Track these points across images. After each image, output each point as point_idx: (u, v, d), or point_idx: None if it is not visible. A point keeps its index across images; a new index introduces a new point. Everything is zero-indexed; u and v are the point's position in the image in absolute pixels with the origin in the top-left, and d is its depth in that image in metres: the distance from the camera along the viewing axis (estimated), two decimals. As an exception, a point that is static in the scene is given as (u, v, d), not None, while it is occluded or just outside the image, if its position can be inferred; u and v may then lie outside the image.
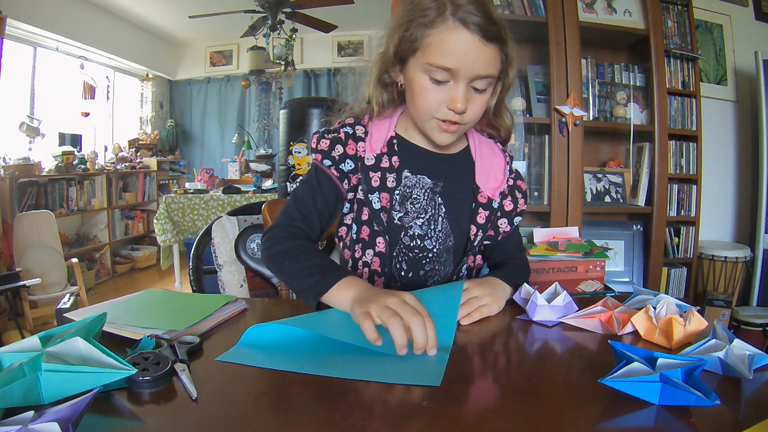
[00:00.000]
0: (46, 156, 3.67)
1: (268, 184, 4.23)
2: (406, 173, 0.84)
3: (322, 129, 0.85)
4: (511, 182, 0.89)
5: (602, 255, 1.33)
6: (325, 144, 0.82)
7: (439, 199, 0.85)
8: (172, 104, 5.68)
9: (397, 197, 0.83)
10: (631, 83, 2.24)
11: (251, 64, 4.35)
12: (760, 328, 1.98)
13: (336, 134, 0.83)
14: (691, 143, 2.29)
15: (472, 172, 0.87)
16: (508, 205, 0.88)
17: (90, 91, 4.27)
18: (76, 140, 4.04)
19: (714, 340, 0.55)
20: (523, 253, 0.96)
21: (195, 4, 4.07)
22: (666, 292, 1.88)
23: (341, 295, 0.66)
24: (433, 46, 0.72)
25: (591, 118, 2.17)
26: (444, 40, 0.71)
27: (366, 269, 0.85)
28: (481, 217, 0.85)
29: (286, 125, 2.84)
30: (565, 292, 0.72)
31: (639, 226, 2.23)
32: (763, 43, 2.48)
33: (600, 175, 2.26)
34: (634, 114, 2.22)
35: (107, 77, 4.62)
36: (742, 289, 2.36)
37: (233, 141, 5.26)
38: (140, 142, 5.05)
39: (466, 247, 0.87)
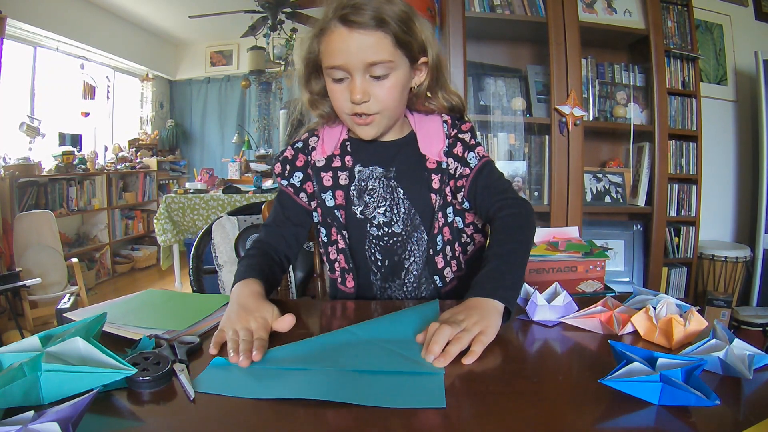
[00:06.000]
0: (46, 156, 3.67)
1: (268, 184, 4.22)
2: (358, 168, 0.87)
3: (278, 153, 0.93)
4: (452, 132, 0.87)
5: (602, 255, 1.33)
6: (278, 167, 0.90)
7: (395, 183, 0.86)
8: (172, 104, 5.68)
9: (354, 192, 0.86)
10: (631, 83, 2.24)
11: (251, 64, 4.36)
12: (760, 328, 1.98)
13: (284, 154, 0.90)
14: (691, 143, 2.29)
15: (418, 147, 0.87)
16: (459, 151, 0.86)
17: (90, 91, 4.27)
18: (76, 140, 4.03)
19: (714, 340, 0.55)
20: (514, 193, 0.84)
21: (195, 4, 4.07)
22: (666, 292, 1.88)
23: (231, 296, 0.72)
24: (325, 51, 0.77)
25: (591, 118, 2.17)
26: (330, 42, 0.76)
27: (339, 268, 0.90)
28: (435, 182, 0.85)
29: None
30: (565, 292, 0.72)
31: (639, 226, 2.23)
32: (763, 43, 2.48)
33: (600, 175, 2.26)
34: (634, 114, 2.22)
35: (107, 77, 4.61)
36: (742, 289, 2.36)
37: (233, 141, 5.26)
38: (140, 142, 5.05)
39: (432, 218, 0.87)
